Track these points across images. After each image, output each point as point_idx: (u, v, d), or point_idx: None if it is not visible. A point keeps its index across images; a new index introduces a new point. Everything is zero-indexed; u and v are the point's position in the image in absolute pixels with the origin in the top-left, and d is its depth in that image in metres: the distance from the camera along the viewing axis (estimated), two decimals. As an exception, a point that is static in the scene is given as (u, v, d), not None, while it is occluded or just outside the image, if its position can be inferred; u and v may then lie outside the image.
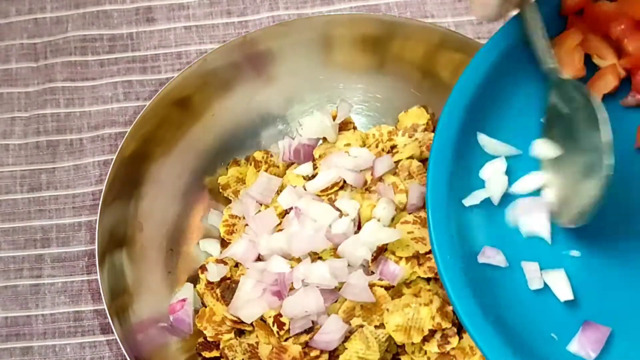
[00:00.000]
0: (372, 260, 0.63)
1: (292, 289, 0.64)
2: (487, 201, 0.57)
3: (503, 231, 0.57)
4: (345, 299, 0.63)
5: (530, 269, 0.56)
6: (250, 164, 0.72)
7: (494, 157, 0.58)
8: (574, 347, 0.54)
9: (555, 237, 0.57)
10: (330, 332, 0.62)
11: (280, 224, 0.67)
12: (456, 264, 0.54)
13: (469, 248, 0.56)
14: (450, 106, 0.58)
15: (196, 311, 0.67)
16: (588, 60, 0.59)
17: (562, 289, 0.55)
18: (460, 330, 0.63)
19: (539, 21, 0.55)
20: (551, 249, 0.57)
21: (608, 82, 0.58)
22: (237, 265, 0.69)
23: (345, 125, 0.73)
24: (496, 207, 0.57)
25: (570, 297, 0.55)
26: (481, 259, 0.56)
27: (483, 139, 0.58)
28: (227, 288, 0.67)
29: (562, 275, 0.56)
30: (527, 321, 0.55)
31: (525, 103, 0.59)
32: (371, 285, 0.63)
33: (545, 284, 0.56)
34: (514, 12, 0.57)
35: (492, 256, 0.56)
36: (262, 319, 0.64)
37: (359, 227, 0.65)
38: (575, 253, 0.57)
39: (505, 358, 0.52)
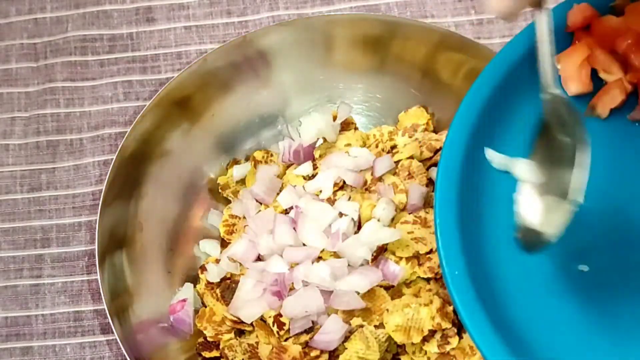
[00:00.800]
0: (372, 260, 0.63)
1: (292, 289, 0.64)
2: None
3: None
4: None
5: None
6: (251, 164, 0.72)
7: (501, 172, 0.58)
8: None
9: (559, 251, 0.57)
10: (330, 332, 0.62)
11: (280, 224, 0.68)
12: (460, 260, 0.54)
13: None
14: (458, 121, 0.57)
15: (196, 311, 0.67)
16: (594, 76, 0.59)
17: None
18: (460, 330, 0.63)
19: (548, 31, 0.53)
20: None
21: (615, 97, 0.58)
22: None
23: (346, 126, 0.73)
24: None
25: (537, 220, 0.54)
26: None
27: (490, 153, 0.57)
28: (227, 288, 0.67)
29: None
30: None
31: (533, 116, 0.59)
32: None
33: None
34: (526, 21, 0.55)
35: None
36: (262, 319, 0.64)
37: (359, 227, 0.65)
38: (584, 267, 0.56)
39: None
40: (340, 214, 0.66)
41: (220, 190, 0.72)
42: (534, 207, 0.53)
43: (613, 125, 0.59)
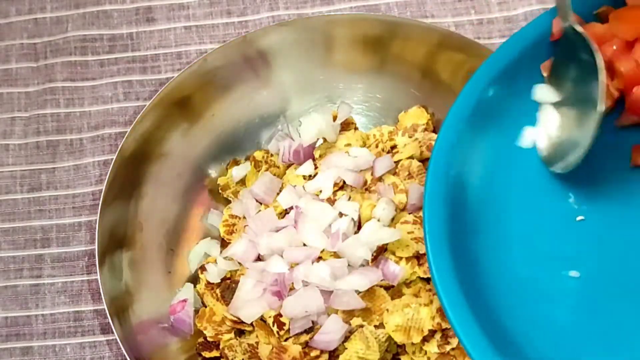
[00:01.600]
0: (372, 260, 0.63)
1: (292, 289, 0.64)
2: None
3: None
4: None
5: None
6: (251, 164, 0.72)
7: (490, 175, 0.58)
8: None
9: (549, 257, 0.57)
10: (330, 332, 0.62)
11: (280, 223, 0.68)
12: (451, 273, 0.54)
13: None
14: (448, 124, 0.58)
15: (196, 311, 0.67)
16: None
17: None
18: (460, 330, 0.63)
19: None
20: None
21: None
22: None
23: (346, 126, 0.73)
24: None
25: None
26: None
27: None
28: (227, 288, 0.67)
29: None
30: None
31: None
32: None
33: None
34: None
35: None
36: (262, 319, 0.64)
37: (359, 227, 0.65)
38: (574, 273, 0.56)
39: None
40: (340, 214, 0.66)
41: (220, 191, 0.72)
42: (557, 124, 0.58)
43: (600, 132, 0.59)
